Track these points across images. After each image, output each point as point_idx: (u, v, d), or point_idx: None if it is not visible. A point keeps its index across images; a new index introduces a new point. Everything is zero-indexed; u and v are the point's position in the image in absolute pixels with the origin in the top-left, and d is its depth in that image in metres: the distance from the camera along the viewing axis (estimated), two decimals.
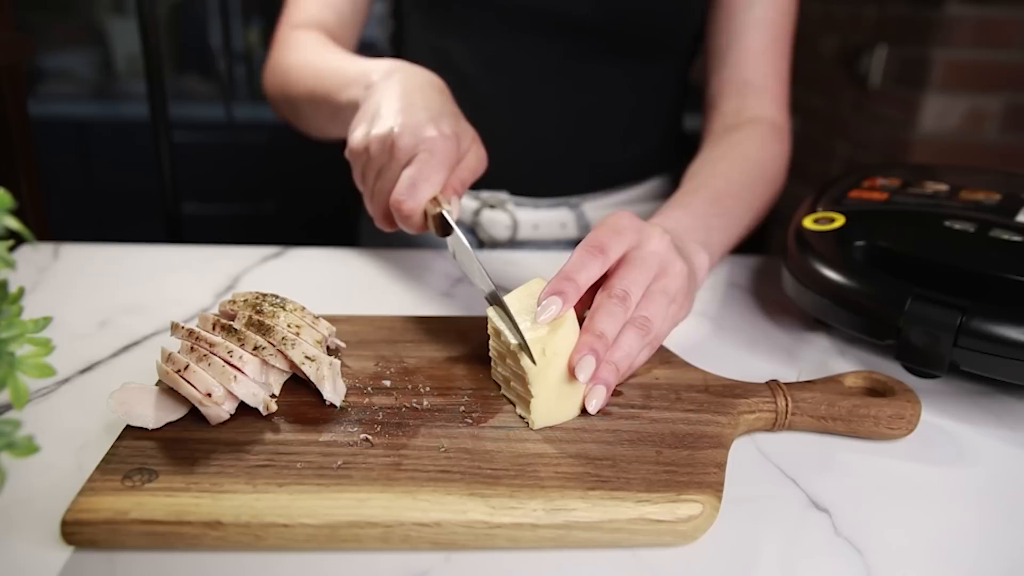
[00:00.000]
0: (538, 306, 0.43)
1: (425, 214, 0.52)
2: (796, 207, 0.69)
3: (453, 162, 0.53)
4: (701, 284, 0.58)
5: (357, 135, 0.55)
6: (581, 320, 0.45)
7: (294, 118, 0.77)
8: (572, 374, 0.43)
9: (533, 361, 0.42)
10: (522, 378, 0.43)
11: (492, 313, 0.46)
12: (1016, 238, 0.55)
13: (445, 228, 0.51)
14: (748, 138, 0.74)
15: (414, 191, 0.51)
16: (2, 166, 0.87)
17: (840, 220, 0.61)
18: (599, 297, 0.46)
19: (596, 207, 0.85)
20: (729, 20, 0.77)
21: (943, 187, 0.66)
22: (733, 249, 0.67)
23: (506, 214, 0.83)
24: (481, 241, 0.85)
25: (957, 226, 0.57)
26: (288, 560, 0.36)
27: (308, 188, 2.13)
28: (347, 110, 0.64)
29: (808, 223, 0.62)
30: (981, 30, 1.65)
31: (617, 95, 0.82)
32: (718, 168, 0.70)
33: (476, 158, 0.56)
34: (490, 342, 0.47)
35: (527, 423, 0.43)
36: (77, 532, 0.35)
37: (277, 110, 0.80)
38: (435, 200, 0.52)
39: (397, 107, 0.54)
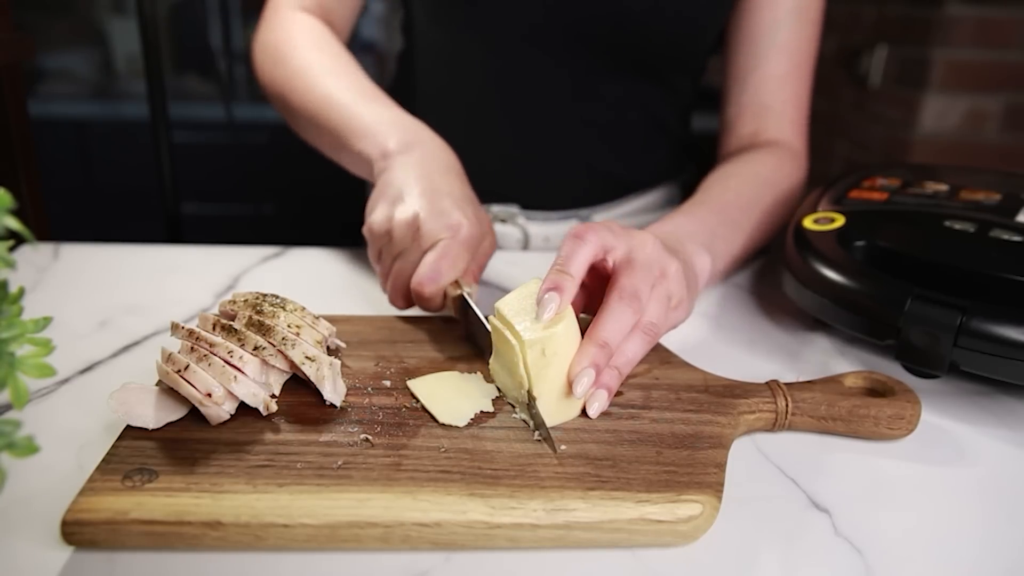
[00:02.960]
0: (538, 305, 0.43)
1: (444, 295, 0.53)
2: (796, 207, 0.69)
3: (475, 248, 0.54)
4: (703, 287, 0.58)
5: (378, 216, 0.55)
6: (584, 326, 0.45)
7: (287, 117, 0.75)
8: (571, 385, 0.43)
9: (553, 449, 0.41)
10: (523, 380, 0.43)
11: (496, 323, 0.45)
12: (1016, 238, 0.55)
13: (464, 310, 0.52)
14: (762, 158, 0.74)
15: (437, 276, 0.52)
16: (2, 166, 0.87)
17: (840, 220, 0.61)
18: (609, 298, 0.46)
19: (606, 218, 0.85)
20: (752, 44, 0.76)
21: (943, 187, 0.66)
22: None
23: (517, 228, 0.83)
24: None
25: (957, 226, 0.57)
26: (288, 560, 0.36)
27: (308, 188, 2.13)
28: (355, 157, 0.63)
29: (808, 223, 0.62)
30: (981, 30, 1.65)
31: (626, 109, 0.81)
32: (728, 184, 0.69)
33: (491, 244, 0.57)
34: (493, 345, 0.47)
35: (527, 423, 0.43)
36: (77, 532, 0.35)
37: (265, 93, 0.77)
38: (456, 283, 0.53)
39: (420, 190, 0.55)
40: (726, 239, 0.62)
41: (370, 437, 0.41)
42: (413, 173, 0.57)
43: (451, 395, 0.45)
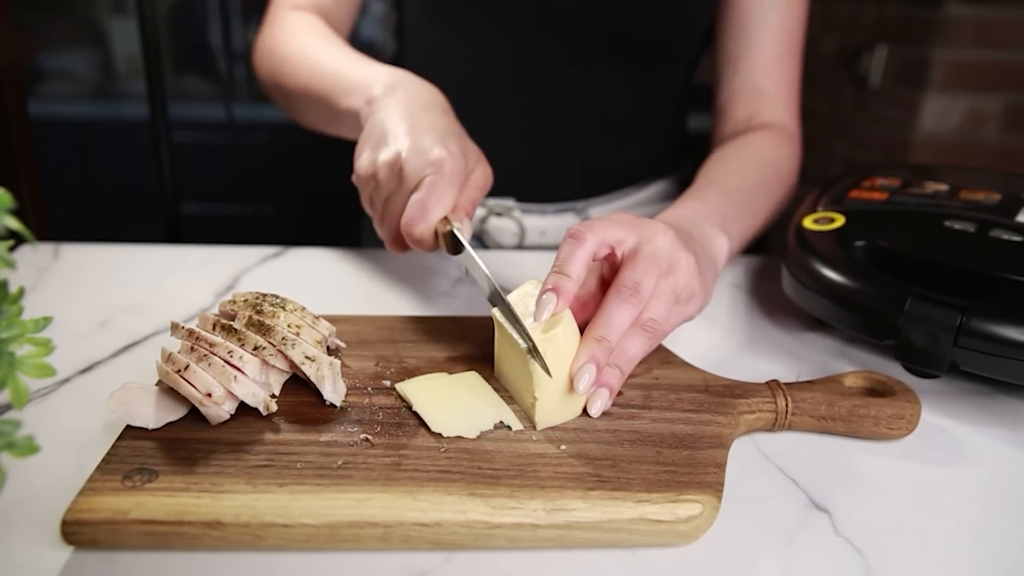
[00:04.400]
0: (536, 306, 0.43)
1: (436, 234, 0.52)
2: (796, 207, 0.69)
3: (461, 181, 0.54)
4: (722, 268, 0.58)
5: (364, 161, 0.55)
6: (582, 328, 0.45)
7: (285, 105, 0.77)
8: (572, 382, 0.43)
9: (548, 372, 0.41)
10: (526, 380, 0.43)
11: (499, 316, 0.45)
12: (1016, 238, 0.55)
13: (456, 246, 0.51)
14: (760, 141, 0.75)
15: (425, 214, 0.51)
16: (2, 166, 0.87)
17: (840, 220, 0.61)
18: (608, 293, 0.45)
19: (603, 212, 0.85)
20: (742, 27, 0.77)
21: (943, 187, 0.66)
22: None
23: (513, 221, 0.83)
24: (487, 248, 0.85)
25: (957, 226, 0.57)
26: (288, 560, 0.36)
27: (308, 188, 2.13)
28: (345, 117, 0.63)
29: (808, 223, 0.62)
30: (981, 30, 1.65)
31: (621, 99, 0.82)
32: (730, 166, 0.70)
33: (482, 176, 0.57)
34: (496, 344, 0.47)
35: (528, 423, 0.43)
36: (77, 532, 0.35)
37: (266, 92, 0.79)
38: (445, 219, 0.52)
39: (402, 129, 0.55)
40: (738, 220, 0.62)
41: (370, 437, 0.41)
42: (395, 113, 0.56)
43: (443, 402, 0.44)
